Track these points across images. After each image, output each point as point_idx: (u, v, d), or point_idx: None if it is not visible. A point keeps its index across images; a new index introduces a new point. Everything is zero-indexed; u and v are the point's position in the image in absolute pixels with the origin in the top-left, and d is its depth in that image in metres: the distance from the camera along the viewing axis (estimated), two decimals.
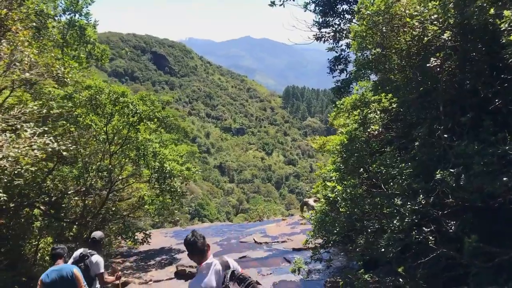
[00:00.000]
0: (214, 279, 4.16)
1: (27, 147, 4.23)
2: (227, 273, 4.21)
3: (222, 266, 4.29)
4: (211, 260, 4.31)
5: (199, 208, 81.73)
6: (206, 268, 4.24)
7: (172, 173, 8.70)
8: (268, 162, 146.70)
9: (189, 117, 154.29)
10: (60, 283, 5.52)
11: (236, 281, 4.16)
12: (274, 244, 17.29)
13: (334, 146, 6.88)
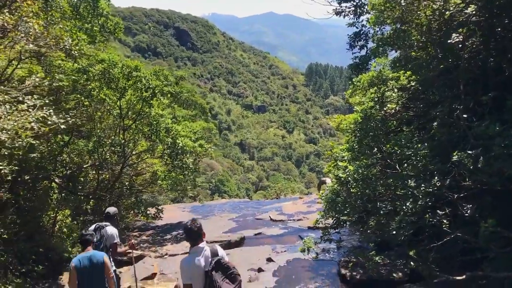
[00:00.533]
0: (203, 262, 4.66)
1: (23, 120, 4.16)
2: (213, 260, 4.66)
3: (211, 253, 4.77)
4: (203, 246, 4.79)
5: (219, 184, 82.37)
6: (198, 251, 4.74)
7: (184, 149, 8.61)
8: (289, 140, 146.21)
9: (211, 93, 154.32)
10: (91, 269, 5.78)
11: (220, 269, 4.62)
12: (289, 222, 17.26)
13: (348, 124, 6.66)
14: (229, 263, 4.78)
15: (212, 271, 4.60)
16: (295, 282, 11.48)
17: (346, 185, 6.00)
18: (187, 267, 4.71)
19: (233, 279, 4.69)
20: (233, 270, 4.71)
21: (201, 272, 4.65)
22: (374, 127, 6.20)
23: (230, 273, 4.69)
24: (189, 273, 4.69)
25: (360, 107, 6.49)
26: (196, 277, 4.67)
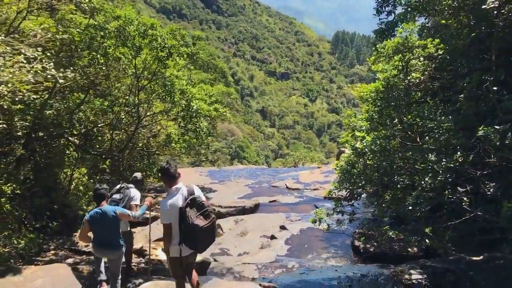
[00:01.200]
0: (181, 200, 4.96)
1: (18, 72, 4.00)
2: (188, 198, 4.94)
3: (188, 192, 5.06)
4: (180, 185, 5.10)
5: (239, 150, 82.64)
6: (175, 191, 5.04)
7: (198, 112, 8.39)
8: (311, 109, 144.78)
9: (234, 58, 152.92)
10: (103, 222, 5.99)
11: (195, 207, 4.89)
12: (305, 191, 17.12)
13: (368, 93, 6.31)
14: (205, 202, 5.05)
15: (186, 207, 4.85)
16: (307, 251, 11.42)
17: (362, 156, 5.72)
18: (165, 207, 4.95)
19: (206, 216, 4.95)
20: (207, 208, 5.00)
21: (177, 210, 4.90)
22: (396, 96, 5.85)
23: (204, 210, 4.95)
24: (167, 213, 4.92)
25: (382, 75, 6.12)
26: (174, 216, 4.91)
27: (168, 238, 5.08)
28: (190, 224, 4.83)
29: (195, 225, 4.84)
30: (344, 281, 8.57)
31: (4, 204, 7.37)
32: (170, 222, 4.96)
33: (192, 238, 4.96)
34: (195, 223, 4.84)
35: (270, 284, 8.26)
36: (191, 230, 4.87)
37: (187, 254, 5.23)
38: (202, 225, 4.88)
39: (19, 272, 6.44)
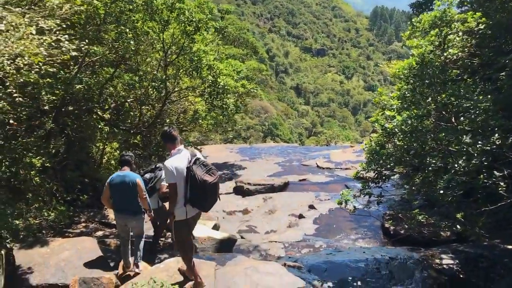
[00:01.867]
0: (185, 160, 5.11)
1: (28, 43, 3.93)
2: (192, 159, 5.10)
3: (190, 154, 5.24)
4: (182, 148, 5.28)
5: (272, 127, 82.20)
6: (177, 152, 5.21)
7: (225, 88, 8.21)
8: (347, 86, 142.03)
9: (269, 34, 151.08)
10: (122, 186, 6.19)
11: (200, 166, 5.06)
12: (336, 171, 16.86)
13: (401, 70, 5.95)
14: (207, 162, 5.19)
15: (192, 165, 4.99)
16: (335, 231, 11.27)
17: (392, 136, 5.44)
18: (170, 167, 4.98)
19: (212, 174, 5.09)
20: (211, 167, 5.13)
21: (183, 170, 5.02)
22: (431, 74, 5.49)
23: (209, 169, 5.09)
24: (172, 173, 4.98)
25: (417, 51, 5.75)
26: (179, 175, 5.01)
27: (174, 199, 5.11)
28: (199, 181, 4.92)
29: (205, 180, 4.93)
30: (372, 263, 8.39)
31: (34, 177, 7.49)
32: (175, 181, 5.01)
33: (200, 195, 5.06)
34: (204, 179, 4.94)
35: (296, 264, 8.16)
36: (201, 187, 4.95)
37: (193, 215, 5.30)
38: (211, 181, 4.98)
39: (47, 244, 6.57)
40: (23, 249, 6.37)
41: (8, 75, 4.03)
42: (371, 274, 8.01)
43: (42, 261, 6.14)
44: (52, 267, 6.04)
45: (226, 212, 12.66)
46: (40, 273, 5.91)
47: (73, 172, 10.53)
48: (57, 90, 7.68)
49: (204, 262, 6.16)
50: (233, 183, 14.91)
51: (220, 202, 13.28)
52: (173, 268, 5.83)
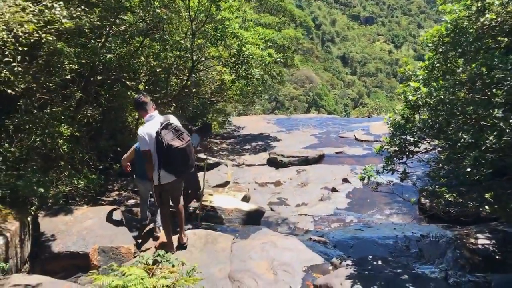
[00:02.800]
0: (156, 127, 5.12)
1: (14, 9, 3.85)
2: (163, 123, 5.12)
3: (164, 119, 5.26)
4: (155, 114, 5.35)
5: (316, 97, 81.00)
6: (149, 119, 5.30)
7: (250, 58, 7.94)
8: (396, 56, 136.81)
9: (316, 2, 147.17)
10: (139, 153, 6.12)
11: (171, 130, 5.09)
12: (375, 143, 16.31)
13: (429, 38, 5.47)
14: (180, 127, 5.20)
15: (161, 130, 5.03)
16: (369, 206, 10.95)
17: (416, 109, 5.04)
18: (143, 134, 5.14)
19: (182, 139, 5.10)
20: (182, 132, 5.15)
21: (154, 136, 5.08)
22: (464, 42, 5.01)
23: (180, 134, 5.11)
24: (146, 139, 5.11)
25: (450, 17, 5.25)
26: (152, 141, 5.10)
27: (149, 165, 5.20)
28: (165, 145, 4.97)
29: (170, 145, 4.97)
30: (401, 240, 8.09)
31: (62, 145, 7.63)
32: (149, 148, 5.12)
33: (169, 161, 5.11)
34: (170, 143, 4.98)
35: (321, 239, 8.01)
36: (167, 152, 5.01)
37: (168, 181, 5.32)
38: (177, 146, 5.01)
39: (71, 212, 6.70)
40: (47, 217, 6.52)
41: (8, 43, 4.02)
42: (399, 251, 7.74)
43: (65, 228, 6.27)
44: (74, 235, 6.16)
45: (258, 184, 12.58)
46: (62, 240, 6.05)
47: (107, 141, 10.71)
48: (84, 59, 7.72)
49: (221, 235, 6.10)
50: (267, 154, 14.77)
51: (252, 174, 13.34)
52: (189, 241, 5.81)
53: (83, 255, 5.88)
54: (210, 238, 5.92)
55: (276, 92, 60.96)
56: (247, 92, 10.94)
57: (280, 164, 13.95)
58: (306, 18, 60.76)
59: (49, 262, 5.87)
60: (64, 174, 8.18)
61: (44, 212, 6.64)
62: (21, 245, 5.87)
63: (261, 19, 15.89)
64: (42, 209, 6.75)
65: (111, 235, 6.23)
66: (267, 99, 44.82)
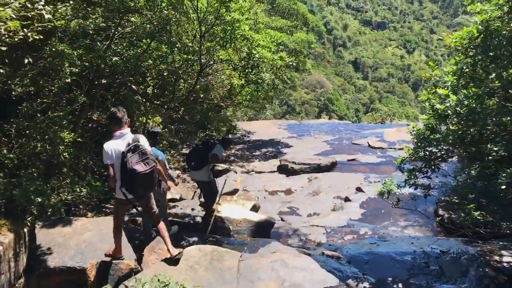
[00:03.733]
0: (123, 145, 5.08)
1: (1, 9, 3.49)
2: (132, 144, 5.06)
3: (132, 139, 5.17)
4: (126, 131, 5.25)
5: (328, 102, 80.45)
6: (119, 135, 5.20)
7: (261, 61, 7.53)
8: (408, 61, 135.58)
9: (328, 7, 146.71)
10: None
11: (138, 153, 5.03)
12: (389, 151, 15.82)
13: (459, 40, 5.01)
14: (147, 150, 5.15)
15: (128, 152, 4.98)
16: (383, 217, 10.48)
17: (444, 119, 4.58)
18: (107, 149, 5.10)
19: (147, 164, 5.05)
20: (148, 156, 5.11)
21: (120, 153, 5.03)
22: (497, 44, 4.55)
23: (145, 158, 5.06)
24: (109, 155, 5.08)
25: (480, 18, 4.80)
26: (117, 157, 5.06)
27: (111, 179, 5.21)
28: (129, 169, 4.94)
29: (134, 169, 4.92)
30: (420, 257, 7.59)
31: (63, 152, 7.27)
32: (111, 163, 5.10)
33: (130, 182, 5.06)
34: (134, 167, 4.93)
35: (334, 253, 7.56)
36: (130, 175, 4.97)
37: (128, 198, 5.30)
38: (141, 171, 4.97)
39: (70, 224, 6.35)
40: (45, 228, 6.18)
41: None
42: (418, 269, 7.24)
43: (63, 241, 5.91)
44: (72, 248, 5.79)
45: (267, 192, 12.16)
46: (59, 254, 5.68)
47: None
48: (87, 62, 7.38)
49: (228, 252, 5.67)
50: (278, 161, 14.34)
51: (262, 181, 12.91)
52: (194, 258, 5.40)
53: (81, 270, 5.51)
54: (216, 255, 5.49)
55: (287, 97, 60.63)
56: (257, 98, 10.50)
57: (291, 171, 13.51)
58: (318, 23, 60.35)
59: (44, 278, 5.51)
60: (66, 182, 7.84)
61: (41, 223, 6.29)
62: (15, 259, 5.51)
63: (273, 23, 15.50)
64: (39, 220, 6.40)
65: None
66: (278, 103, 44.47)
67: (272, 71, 8.92)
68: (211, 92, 10.90)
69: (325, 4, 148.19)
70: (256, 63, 7.59)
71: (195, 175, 8.04)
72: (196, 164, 7.72)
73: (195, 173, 7.92)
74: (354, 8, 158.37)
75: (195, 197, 11.09)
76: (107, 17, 7.68)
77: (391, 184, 5.53)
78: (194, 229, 8.20)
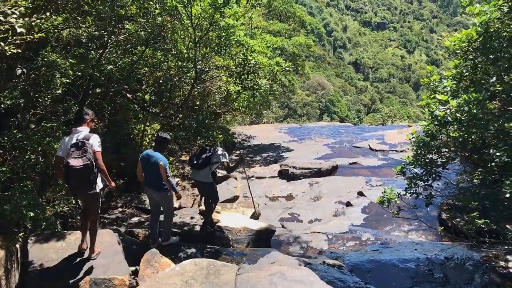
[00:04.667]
0: (73, 139, 5.35)
1: None
2: (79, 140, 5.31)
3: (83, 137, 5.38)
4: (81, 129, 5.48)
5: (329, 104, 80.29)
6: (74, 132, 5.46)
7: (257, 67, 7.38)
8: (408, 61, 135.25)
9: (327, 8, 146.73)
10: (148, 163, 6.75)
11: (80, 149, 5.23)
12: (391, 153, 15.66)
13: (458, 43, 4.84)
14: (90, 148, 5.27)
15: (72, 147, 5.26)
16: (386, 222, 10.30)
17: (444, 126, 4.41)
18: (61, 142, 5.48)
19: (83, 159, 5.18)
20: (86, 154, 5.20)
21: (68, 148, 5.27)
22: (497, 47, 4.39)
23: (83, 154, 5.20)
24: (60, 148, 5.42)
25: (479, 19, 4.64)
26: (65, 151, 5.31)
27: (58, 170, 5.55)
28: (64, 162, 5.22)
29: (68, 162, 5.12)
30: (424, 264, 7.42)
31: None
32: (61, 155, 5.35)
33: (65, 175, 5.24)
34: (68, 161, 5.13)
35: (336, 262, 7.38)
36: (65, 168, 5.20)
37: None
38: (73, 165, 5.11)
39: (63, 238, 6.17)
40: (38, 243, 5.99)
41: None
42: (422, 277, 7.06)
43: (56, 257, 5.73)
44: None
45: (268, 198, 11.99)
46: (51, 270, 5.52)
47: (110, 155, 10.24)
48: (80, 71, 7.24)
49: (224, 266, 5.50)
50: (278, 166, 14.17)
51: (263, 187, 12.73)
52: (189, 272, 5.23)
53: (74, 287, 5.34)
54: (212, 269, 5.32)
55: (288, 99, 60.46)
56: (254, 104, 10.34)
57: (292, 176, 13.34)
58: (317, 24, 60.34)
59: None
60: (61, 193, 7.70)
61: (34, 238, 6.11)
62: (6, 276, 5.35)
63: (270, 27, 15.35)
64: (33, 235, 6.24)
65: (105, 264, 5.68)
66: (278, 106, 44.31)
67: (269, 76, 8.76)
68: (208, 98, 10.74)
69: (324, 6, 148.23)
70: (252, 69, 7.45)
71: (197, 175, 7.98)
72: (199, 163, 7.78)
73: (197, 172, 7.91)
74: (354, 9, 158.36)
75: (195, 205, 10.92)
76: (100, 25, 7.55)
77: (391, 192, 5.35)
78: (193, 239, 8.01)
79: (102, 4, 6.69)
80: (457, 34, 4.84)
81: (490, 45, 4.50)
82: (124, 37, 8.34)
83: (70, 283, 5.36)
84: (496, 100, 4.50)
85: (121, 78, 8.87)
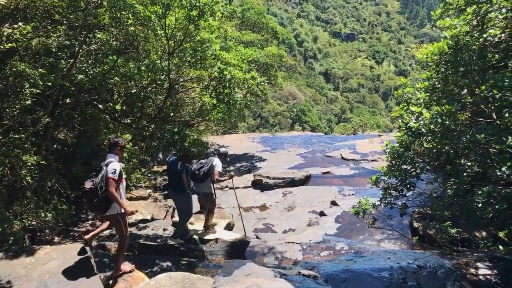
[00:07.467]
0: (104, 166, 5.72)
1: None
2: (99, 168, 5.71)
3: (107, 163, 5.69)
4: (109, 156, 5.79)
5: (300, 113, 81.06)
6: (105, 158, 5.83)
7: (232, 82, 7.34)
8: (377, 71, 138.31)
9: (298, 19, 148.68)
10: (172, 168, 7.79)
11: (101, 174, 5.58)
12: (362, 163, 15.87)
13: (430, 55, 4.97)
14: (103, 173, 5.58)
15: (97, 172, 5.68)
16: (359, 231, 10.39)
17: (418, 137, 4.50)
18: None
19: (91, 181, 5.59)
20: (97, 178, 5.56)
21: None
22: (467, 60, 4.52)
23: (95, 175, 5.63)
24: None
25: (450, 33, 4.77)
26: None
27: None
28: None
29: (83, 183, 5.56)
30: (397, 272, 7.48)
31: (25, 176, 6.91)
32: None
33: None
34: (84, 182, 5.56)
35: (311, 272, 7.37)
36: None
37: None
38: (83, 186, 5.53)
39: (32, 253, 5.96)
40: (6, 259, 5.77)
41: None
42: (396, 285, 7.13)
43: (25, 273, 5.54)
44: (34, 280, 5.43)
45: (242, 208, 11.92)
46: (20, 287, 5.32)
47: (80, 167, 10.00)
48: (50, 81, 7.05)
49: (200, 279, 5.42)
50: (252, 176, 14.15)
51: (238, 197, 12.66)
52: (164, 287, 5.13)
53: None
54: (187, 283, 5.24)
55: (260, 109, 60.68)
56: (229, 116, 10.31)
57: (265, 186, 13.35)
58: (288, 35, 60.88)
59: None
60: (30, 206, 7.46)
61: (1, 253, 5.89)
62: None
63: (243, 37, 15.41)
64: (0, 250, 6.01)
65: (75, 282, 5.50)
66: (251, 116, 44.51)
67: (245, 90, 8.75)
68: (181, 109, 10.64)
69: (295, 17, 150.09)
70: (228, 84, 7.43)
71: (200, 188, 8.32)
72: (200, 176, 8.16)
73: (200, 185, 8.29)
74: (324, 20, 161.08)
75: (167, 216, 10.77)
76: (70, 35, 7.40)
77: (366, 203, 5.40)
78: (166, 252, 7.87)
79: (73, 13, 6.56)
80: (429, 47, 4.97)
81: (461, 58, 4.63)
82: (96, 46, 8.19)
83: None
84: (466, 111, 4.61)
85: (92, 88, 8.70)
